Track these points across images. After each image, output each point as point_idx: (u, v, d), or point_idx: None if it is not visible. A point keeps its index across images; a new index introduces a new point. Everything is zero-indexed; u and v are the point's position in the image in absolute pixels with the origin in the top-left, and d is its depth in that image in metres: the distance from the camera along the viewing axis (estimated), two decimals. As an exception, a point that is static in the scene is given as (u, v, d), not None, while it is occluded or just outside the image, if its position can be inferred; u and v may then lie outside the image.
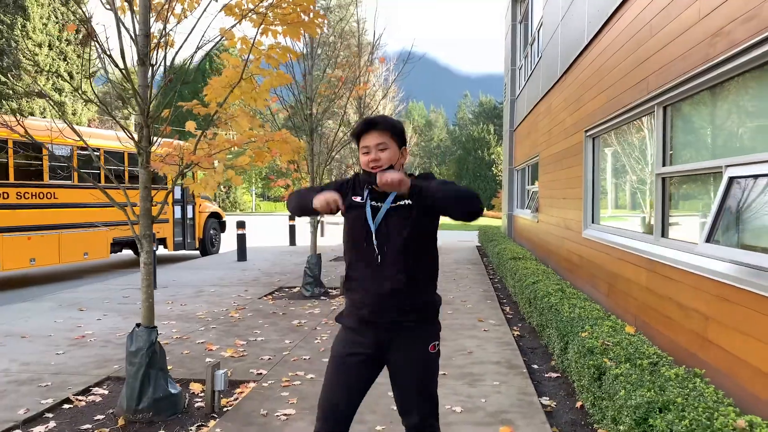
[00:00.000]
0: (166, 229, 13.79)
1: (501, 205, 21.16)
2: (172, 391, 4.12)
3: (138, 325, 4.12)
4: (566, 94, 8.38)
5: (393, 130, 2.45)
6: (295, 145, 4.43)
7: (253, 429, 3.79)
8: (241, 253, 13.60)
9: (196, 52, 4.10)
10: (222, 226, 16.26)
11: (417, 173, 2.48)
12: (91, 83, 4.21)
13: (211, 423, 3.91)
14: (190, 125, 4.64)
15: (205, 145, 4.25)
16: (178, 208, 14.15)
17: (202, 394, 4.52)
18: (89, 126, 26.19)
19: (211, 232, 15.61)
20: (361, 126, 2.47)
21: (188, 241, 14.50)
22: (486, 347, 5.75)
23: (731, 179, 3.47)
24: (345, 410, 2.42)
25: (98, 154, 11.27)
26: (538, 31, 11.93)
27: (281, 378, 4.81)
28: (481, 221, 24.17)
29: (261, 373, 4.95)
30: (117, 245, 12.51)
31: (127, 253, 15.45)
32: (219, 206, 15.83)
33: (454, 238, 21.57)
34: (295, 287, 9.62)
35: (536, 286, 6.40)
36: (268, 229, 27.59)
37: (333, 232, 22.30)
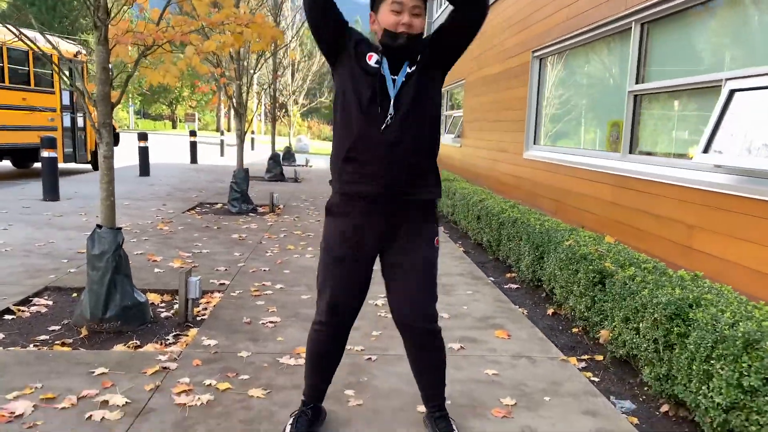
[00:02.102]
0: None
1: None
2: (140, 299, 3.73)
3: (99, 226, 3.63)
4: (509, 14, 8.30)
5: None
6: (274, 32, 3.96)
7: (242, 336, 3.52)
8: (144, 167, 12.58)
9: None
10: (116, 139, 14.91)
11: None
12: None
13: (191, 331, 3.59)
14: None
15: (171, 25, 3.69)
16: (68, 117, 12.71)
17: (163, 305, 4.15)
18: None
19: (105, 144, 14.24)
20: None
21: (80, 153, 13.15)
22: (443, 260, 5.75)
23: (732, 92, 3.57)
24: (353, 307, 2.32)
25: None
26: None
27: (248, 288, 4.52)
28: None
29: (223, 284, 4.62)
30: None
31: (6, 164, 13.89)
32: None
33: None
34: (216, 203, 9.08)
35: (485, 203, 6.46)
36: (156, 146, 25.75)
37: (233, 153, 21.33)
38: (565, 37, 6.21)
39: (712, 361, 2.46)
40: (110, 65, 3.55)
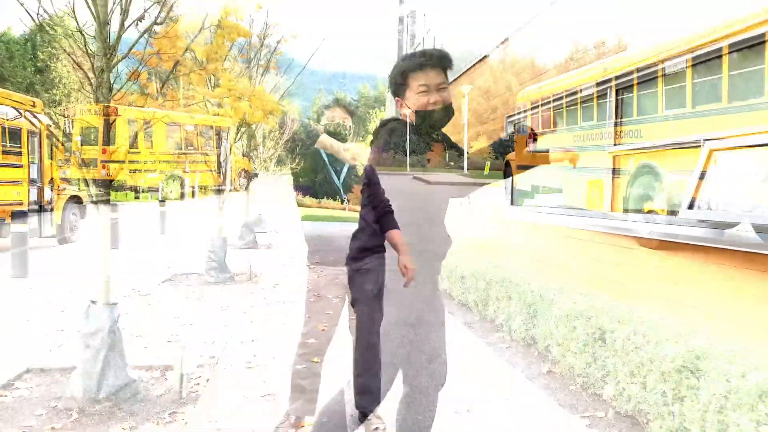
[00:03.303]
0: (20, 213, 12.08)
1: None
2: (133, 377, 3.60)
3: (93, 301, 3.54)
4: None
5: (449, 68, 2.20)
6: (272, 105, 4.05)
7: (240, 411, 3.41)
8: (113, 239, 12.31)
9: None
10: (83, 211, 14.60)
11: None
12: None
13: (187, 408, 3.45)
14: (142, 76, 4.07)
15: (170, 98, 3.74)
16: (34, 190, 12.46)
17: (153, 381, 4.00)
18: None
19: (71, 217, 13.96)
20: (420, 60, 2.16)
21: (45, 227, 12.82)
22: (431, 323, 5.73)
23: (711, 151, 3.76)
24: None
25: None
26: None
27: (239, 359, 4.41)
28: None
29: (213, 357, 4.49)
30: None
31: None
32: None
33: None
34: (192, 273, 8.90)
35: (473, 263, 6.51)
36: (121, 217, 25.33)
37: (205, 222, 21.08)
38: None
39: (727, 412, 2.49)
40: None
